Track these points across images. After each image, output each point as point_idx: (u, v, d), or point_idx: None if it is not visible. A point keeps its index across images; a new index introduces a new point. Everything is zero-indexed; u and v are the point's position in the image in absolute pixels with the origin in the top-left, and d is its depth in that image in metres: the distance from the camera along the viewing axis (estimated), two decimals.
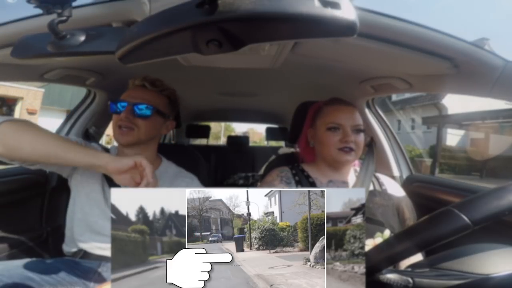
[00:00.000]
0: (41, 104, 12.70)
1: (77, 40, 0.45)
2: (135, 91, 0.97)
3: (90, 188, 0.96)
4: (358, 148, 0.91)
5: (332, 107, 0.95)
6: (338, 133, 0.91)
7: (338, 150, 0.90)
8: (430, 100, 13.83)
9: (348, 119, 0.91)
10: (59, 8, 0.42)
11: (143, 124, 0.94)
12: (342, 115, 0.92)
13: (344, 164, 0.95)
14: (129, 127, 0.93)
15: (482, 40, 12.91)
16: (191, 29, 0.33)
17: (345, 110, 0.93)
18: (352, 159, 0.91)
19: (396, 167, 1.42)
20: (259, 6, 0.31)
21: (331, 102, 0.97)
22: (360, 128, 0.92)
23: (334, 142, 0.91)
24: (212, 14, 0.31)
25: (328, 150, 0.92)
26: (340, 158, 0.91)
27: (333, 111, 0.94)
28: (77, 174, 0.98)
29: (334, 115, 0.93)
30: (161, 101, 1.00)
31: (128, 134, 0.94)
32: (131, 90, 0.98)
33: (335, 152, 0.91)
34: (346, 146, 0.89)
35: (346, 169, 0.97)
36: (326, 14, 0.31)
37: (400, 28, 0.65)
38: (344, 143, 0.89)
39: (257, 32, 0.34)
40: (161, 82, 1.00)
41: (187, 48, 0.37)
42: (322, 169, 0.97)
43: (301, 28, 0.33)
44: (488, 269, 0.42)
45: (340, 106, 0.95)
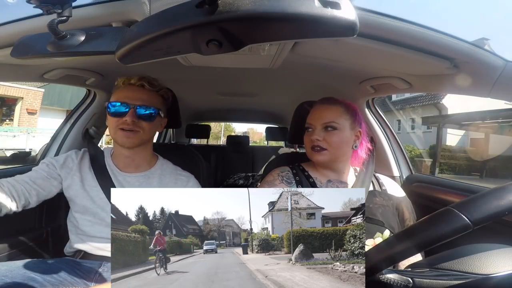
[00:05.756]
0: (41, 104, 12.69)
1: (77, 40, 0.45)
2: (132, 91, 0.95)
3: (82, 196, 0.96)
4: (331, 146, 0.88)
5: (312, 108, 0.96)
6: (310, 133, 0.92)
7: (311, 149, 0.91)
8: (430, 100, 13.84)
9: (318, 117, 0.90)
10: (59, 8, 0.42)
11: (147, 126, 0.94)
12: (315, 114, 0.92)
13: (319, 164, 0.94)
14: (134, 131, 0.92)
15: (482, 40, 12.92)
16: (191, 29, 0.33)
17: (319, 109, 0.93)
18: (325, 159, 0.89)
19: (396, 167, 1.42)
20: (259, 6, 0.31)
21: (315, 103, 0.98)
22: (332, 125, 0.88)
23: (308, 142, 0.92)
24: (212, 14, 0.31)
25: (306, 151, 0.94)
26: (313, 158, 0.91)
27: (311, 112, 0.95)
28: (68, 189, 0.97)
29: (310, 115, 0.94)
30: (158, 101, 1.00)
31: (133, 137, 0.92)
32: (126, 90, 0.95)
33: (309, 152, 0.92)
34: (314, 145, 0.89)
35: (345, 169, 0.96)
36: (326, 14, 0.31)
37: (400, 28, 0.65)
38: (312, 142, 0.90)
39: (257, 32, 0.34)
40: (157, 81, 1.00)
41: (187, 48, 0.36)
42: (319, 169, 0.97)
43: (301, 28, 0.33)
44: (488, 269, 0.42)
45: (317, 106, 0.95)
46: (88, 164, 1.00)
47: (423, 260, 0.51)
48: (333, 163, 0.93)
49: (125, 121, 0.90)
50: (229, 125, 23.19)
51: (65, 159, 1.00)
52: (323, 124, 0.90)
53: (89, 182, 0.97)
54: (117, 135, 0.93)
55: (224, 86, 1.72)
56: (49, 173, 0.96)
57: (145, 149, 1.02)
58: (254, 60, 0.97)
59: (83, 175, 0.98)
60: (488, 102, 7.70)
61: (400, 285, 0.43)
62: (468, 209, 0.42)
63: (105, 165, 0.99)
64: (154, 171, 1.03)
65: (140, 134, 0.93)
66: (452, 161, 11.60)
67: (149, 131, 0.96)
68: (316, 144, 0.89)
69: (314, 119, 0.92)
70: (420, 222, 0.47)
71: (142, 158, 1.02)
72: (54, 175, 0.97)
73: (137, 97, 0.93)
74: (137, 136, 0.93)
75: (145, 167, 1.03)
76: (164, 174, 1.03)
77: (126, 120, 0.90)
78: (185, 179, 1.04)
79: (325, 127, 0.89)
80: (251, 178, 2.38)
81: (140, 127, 0.93)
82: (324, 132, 0.89)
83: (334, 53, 0.90)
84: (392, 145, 1.44)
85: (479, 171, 10.87)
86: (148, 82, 0.97)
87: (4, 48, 0.72)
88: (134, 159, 1.00)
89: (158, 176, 1.02)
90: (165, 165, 1.06)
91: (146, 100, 0.94)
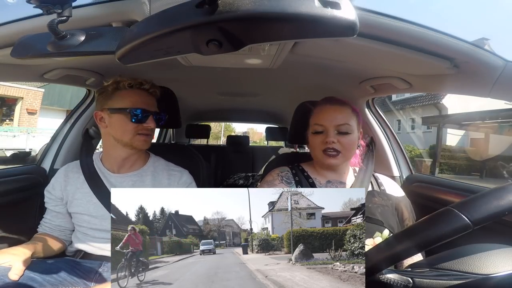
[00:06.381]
0: (41, 104, 12.69)
1: (77, 40, 0.45)
2: (139, 95, 0.97)
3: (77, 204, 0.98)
4: (344, 149, 0.87)
5: (319, 108, 0.93)
6: (322, 135, 0.88)
7: (323, 152, 0.88)
8: (430, 100, 13.83)
9: (331, 119, 0.88)
10: (59, 8, 0.41)
11: (155, 130, 1.02)
12: (326, 115, 0.89)
13: (331, 167, 0.92)
14: (150, 135, 0.99)
15: (482, 40, 12.93)
16: (191, 29, 0.33)
17: (329, 110, 0.90)
18: (338, 162, 0.88)
19: (396, 167, 1.42)
20: (259, 6, 0.31)
21: (320, 102, 0.96)
22: (345, 128, 0.87)
23: (318, 144, 0.88)
24: (212, 14, 0.31)
25: (314, 152, 0.91)
26: (325, 161, 0.88)
27: (319, 112, 0.92)
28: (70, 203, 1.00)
29: (318, 116, 0.91)
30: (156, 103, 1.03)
31: (149, 141, 0.99)
32: (131, 93, 0.96)
33: (320, 155, 0.89)
34: (328, 148, 0.86)
35: (344, 169, 0.96)
36: (326, 14, 0.31)
37: (400, 28, 0.65)
38: (326, 145, 0.86)
39: (257, 32, 0.34)
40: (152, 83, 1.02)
41: (187, 48, 0.36)
42: (319, 170, 0.97)
43: (301, 28, 0.33)
44: (488, 269, 0.42)
45: (325, 106, 0.92)
46: (78, 173, 1.01)
47: (423, 260, 0.51)
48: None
49: (146, 127, 0.96)
50: (229, 125, 23.20)
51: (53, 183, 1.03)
52: (336, 126, 0.87)
53: (82, 190, 0.98)
54: (135, 139, 0.96)
55: (224, 86, 1.72)
56: (56, 204, 1.02)
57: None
58: (254, 60, 0.97)
59: (75, 185, 1.00)
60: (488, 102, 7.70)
61: (400, 285, 0.43)
62: (468, 209, 0.42)
63: (95, 170, 1.00)
64: (146, 169, 1.04)
65: (151, 137, 1.01)
66: (452, 161, 11.60)
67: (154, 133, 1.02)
68: (331, 147, 0.86)
69: (326, 120, 0.88)
70: (420, 222, 0.47)
71: (136, 158, 1.04)
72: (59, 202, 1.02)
73: (152, 103, 1.00)
74: (150, 139, 1.00)
75: (138, 165, 1.04)
76: (157, 171, 1.04)
77: (147, 126, 0.96)
78: (178, 174, 1.04)
79: (339, 129, 0.87)
80: (251, 178, 2.38)
81: (152, 131, 1.00)
82: (337, 135, 0.87)
83: (334, 53, 0.90)
84: (392, 145, 1.44)
85: (479, 171, 10.87)
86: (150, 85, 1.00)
87: (4, 48, 0.72)
88: (129, 159, 1.02)
89: (151, 173, 1.03)
90: (157, 162, 1.07)
91: (154, 105, 1.01)
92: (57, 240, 0.99)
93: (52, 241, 0.97)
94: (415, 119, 15.06)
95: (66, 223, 1.02)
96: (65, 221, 1.02)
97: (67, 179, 1.01)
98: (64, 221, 1.02)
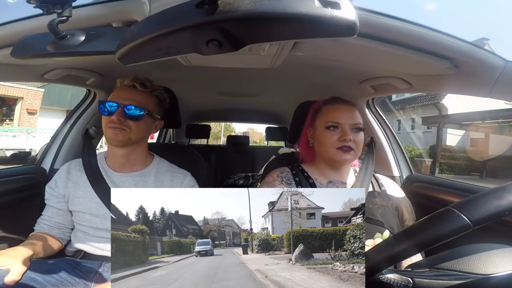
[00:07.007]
0: (41, 104, 12.69)
1: (77, 40, 0.45)
2: (124, 91, 0.98)
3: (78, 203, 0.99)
4: (357, 147, 0.90)
5: (331, 106, 0.95)
6: (336, 132, 0.90)
7: (337, 149, 0.89)
8: (430, 100, 13.83)
9: (347, 117, 0.90)
10: (59, 8, 0.41)
11: (134, 126, 0.96)
12: (341, 113, 0.91)
13: (343, 164, 0.94)
14: (121, 128, 0.94)
15: (482, 40, 12.93)
16: (191, 29, 0.33)
17: (344, 109, 0.93)
18: (351, 158, 0.90)
19: (396, 167, 1.42)
20: (259, 6, 0.31)
21: (330, 101, 0.97)
22: (359, 127, 0.91)
23: (333, 141, 0.90)
24: (212, 14, 0.31)
25: (326, 149, 0.92)
26: (339, 157, 0.90)
27: (332, 110, 0.93)
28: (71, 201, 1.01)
29: (333, 114, 0.92)
30: (151, 102, 1.01)
31: (120, 135, 0.95)
32: (119, 90, 0.99)
33: (333, 151, 0.90)
34: (345, 145, 0.88)
35: (346, 169, 0.96)
36: (326, 14, 0.31)
37: (400, 28, 0.65)
38: (343, 142, 0.88)
39: (257, 32, 0.34)
40: (150, 82, 1.01)
41: (187, 48, 0.36)
42: (321, 169, 0.97)
43: (301, 28, 0.33)
44: (488, 269, 0.42)
45: (339, 105, 0.94)
46: (80, 171, 1.01)
47: (423, 260, 0.51)
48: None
49: (112, 120, 0.93)
50: (229, 125, 23.20)
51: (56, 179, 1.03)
52: (352, 124, 0.90)
53: (83, 188, 0.98)
54: (107, 133, 0.96)
55: (224, 86, 1.72)
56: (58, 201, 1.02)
57: (139, 148, 1.03)
58: (254, 60, 0.97)
59: (77, 182, 1.00)
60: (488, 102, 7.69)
61: (400, 285, 0.43)
62: (468, 209, 0.42)
63: (98, 168, 1.00)
64: (149, 169, 1.03)
65: (127, 132, 0.95)
66: (452, 161, 11.60)
67: (138, 130, 0.96)
68: (348, 144, 0.88)
69: (341, 118, 0.90)
70: (420, 222, 0.47)
71: (137, 157, 1.03)
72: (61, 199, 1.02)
73: (127, 97, 0.96)
74: (123, 134, 0.95)
75: (140, 166, 1.03)
76: (160, 172, 1.04)
77: (113, 119, 0.93)
78: (181, 176, 1.04)
79: (354, 127, 0.90)
80: (251, 178, 2.38)
81: (127, 126, 0.95)
82: (352, 133, 0.90)
83: (334, 53, 0.90)
84: (392, 145, 1.44)
85: (479, 171, 10.87)
86: (140, 83, 0.99)
87: (4, 48, 0.72)
88: (128, 158, 1.01)
89: (154, 174, 1.02)
90: (161, 164, 1.07)
91: (136, 100, 0.96)
92: (55, 239, 0.99)
93: (51, 240, 0.97)
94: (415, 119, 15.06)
95: (66, 220, 1.01)
96: (65, 219, 1.01)
97: (69, 176, 1.02)
98: (64, 219, 1.01)
